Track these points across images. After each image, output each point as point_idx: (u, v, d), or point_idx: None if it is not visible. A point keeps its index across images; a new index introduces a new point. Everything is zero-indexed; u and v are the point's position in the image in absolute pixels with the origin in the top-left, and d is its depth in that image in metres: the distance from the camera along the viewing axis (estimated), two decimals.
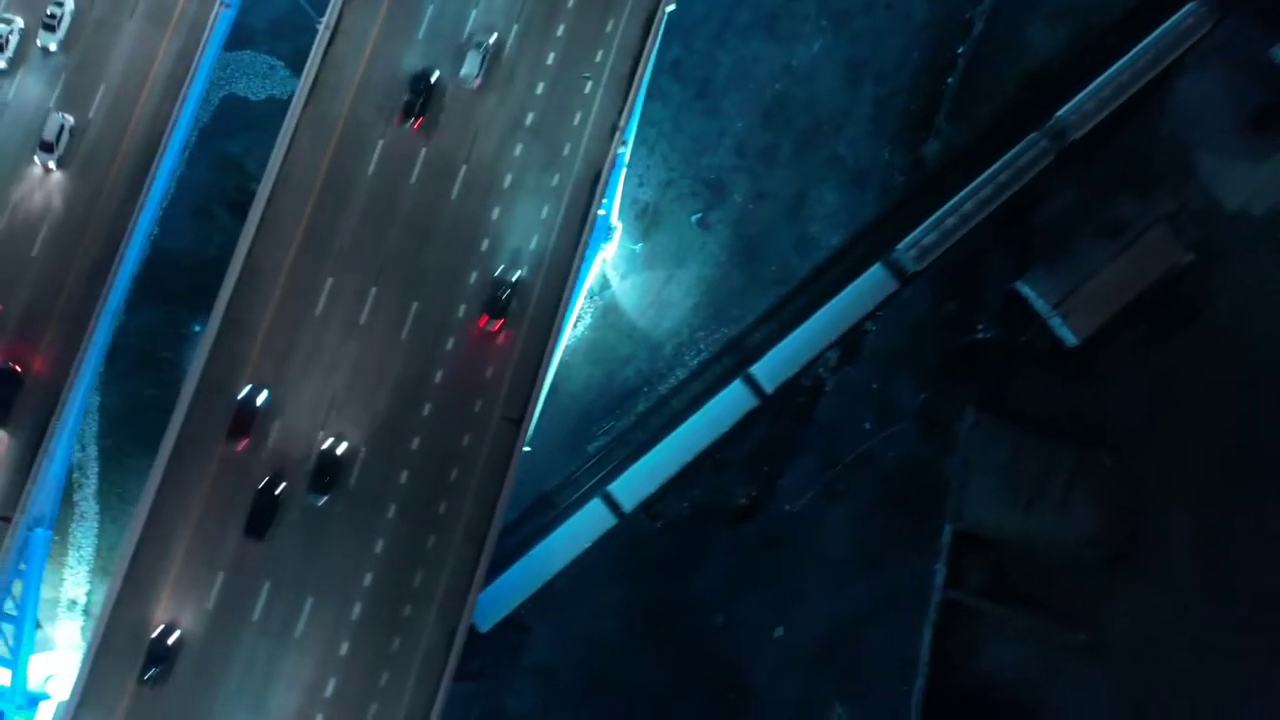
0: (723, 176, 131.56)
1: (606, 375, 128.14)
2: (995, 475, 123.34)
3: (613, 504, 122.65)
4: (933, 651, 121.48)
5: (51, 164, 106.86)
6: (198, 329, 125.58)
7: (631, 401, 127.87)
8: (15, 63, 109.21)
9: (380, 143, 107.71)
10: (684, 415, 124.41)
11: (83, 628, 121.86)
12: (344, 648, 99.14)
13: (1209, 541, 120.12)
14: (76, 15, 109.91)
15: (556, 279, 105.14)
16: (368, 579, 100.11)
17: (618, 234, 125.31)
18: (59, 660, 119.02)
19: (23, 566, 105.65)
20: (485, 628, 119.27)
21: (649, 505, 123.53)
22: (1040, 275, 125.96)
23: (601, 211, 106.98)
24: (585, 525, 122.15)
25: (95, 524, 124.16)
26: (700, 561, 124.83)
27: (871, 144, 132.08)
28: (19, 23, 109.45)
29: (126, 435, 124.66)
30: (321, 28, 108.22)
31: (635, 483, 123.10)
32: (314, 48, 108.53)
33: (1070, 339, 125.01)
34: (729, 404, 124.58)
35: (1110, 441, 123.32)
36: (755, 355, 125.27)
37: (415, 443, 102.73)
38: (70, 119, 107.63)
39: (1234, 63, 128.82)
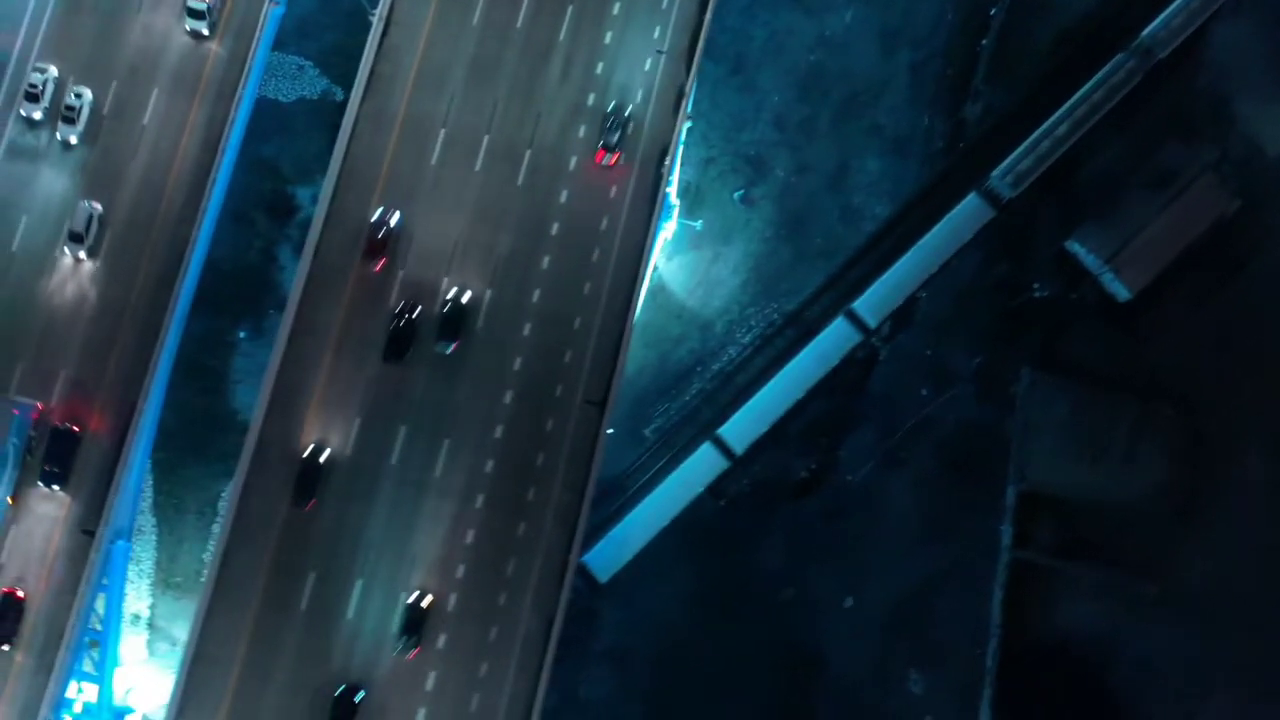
0: (762, 151, 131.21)
1: (659, 357, 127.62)
2: (1056, 433, 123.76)
3: (723, 447, 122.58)
4: (1004, 613, 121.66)
5: (82, 254, 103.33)
6: (243, 335, 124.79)
7: (686, 382, 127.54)
8: (50, 115, 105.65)
9: None
10: (750, 391, 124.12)
11: (148, 641, 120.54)
12: (441, 640, 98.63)
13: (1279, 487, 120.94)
14: (95, 105, 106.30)
15: (630, 259, 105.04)
16: (461, 570, 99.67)
17: (676, 212, 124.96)
18: (131, 674, 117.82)
19: (105, 581, 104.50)
20: (604, 579, 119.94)
21: (714, 484, 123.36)
22: (1090, 232, 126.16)
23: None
24: (695, 471, 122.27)
25: (153, 537, 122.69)
26: (765, 537, 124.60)
27: (910, 111, 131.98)
28: (53, 71, 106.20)
29: (178, 447, 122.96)
30: (375, 19, 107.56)
31: (744, 425, 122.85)
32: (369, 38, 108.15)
33: (1123, 294, 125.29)
34: (832, 341, 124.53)
35: (1170, 393, 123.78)
36: (818, 327, 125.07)
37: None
38: (98, 207, 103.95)
39: (1267, 10, 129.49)
